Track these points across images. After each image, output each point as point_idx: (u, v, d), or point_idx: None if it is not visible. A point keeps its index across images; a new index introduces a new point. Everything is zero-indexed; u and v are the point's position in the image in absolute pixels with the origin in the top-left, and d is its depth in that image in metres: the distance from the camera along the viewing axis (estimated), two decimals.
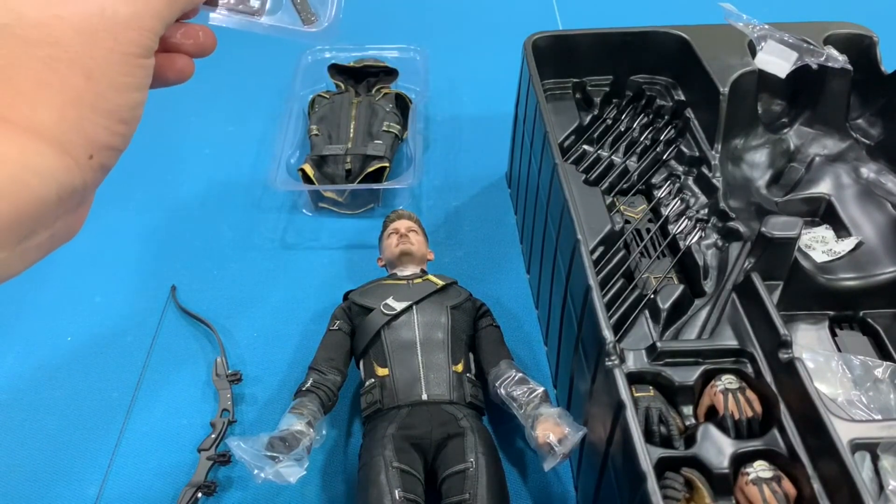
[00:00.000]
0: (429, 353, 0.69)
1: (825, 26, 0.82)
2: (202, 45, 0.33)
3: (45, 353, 0.82)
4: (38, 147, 0.26)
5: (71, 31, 0.26)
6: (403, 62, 1.15)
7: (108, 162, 0.29)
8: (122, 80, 0.28)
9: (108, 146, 0.28)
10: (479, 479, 0.60)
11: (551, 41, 0.85)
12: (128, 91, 0.28)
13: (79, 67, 0.26)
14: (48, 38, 0.26)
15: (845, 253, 0.69)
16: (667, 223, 0.73)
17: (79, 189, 0.27)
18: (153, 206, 1.00)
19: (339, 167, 0.98)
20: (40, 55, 0.26)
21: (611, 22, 0.90)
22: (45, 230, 0.27)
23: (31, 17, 0.26)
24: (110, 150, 0.28)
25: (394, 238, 0.79)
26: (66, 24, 0.26)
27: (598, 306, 0.56)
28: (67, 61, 0.26)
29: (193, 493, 0.65)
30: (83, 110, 0.27)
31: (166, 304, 0.86)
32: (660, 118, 0.85)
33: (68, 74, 0.26)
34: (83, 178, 0.27)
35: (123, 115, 0.28)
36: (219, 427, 0.71)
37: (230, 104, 1.19)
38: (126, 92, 0.28)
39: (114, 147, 0.28)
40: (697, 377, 0.57)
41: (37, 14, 0.26)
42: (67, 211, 0.28)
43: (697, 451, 0.51)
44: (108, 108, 0.27)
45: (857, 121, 0.82)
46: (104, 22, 0.27)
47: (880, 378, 0.59)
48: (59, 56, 0.26)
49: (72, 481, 0.70)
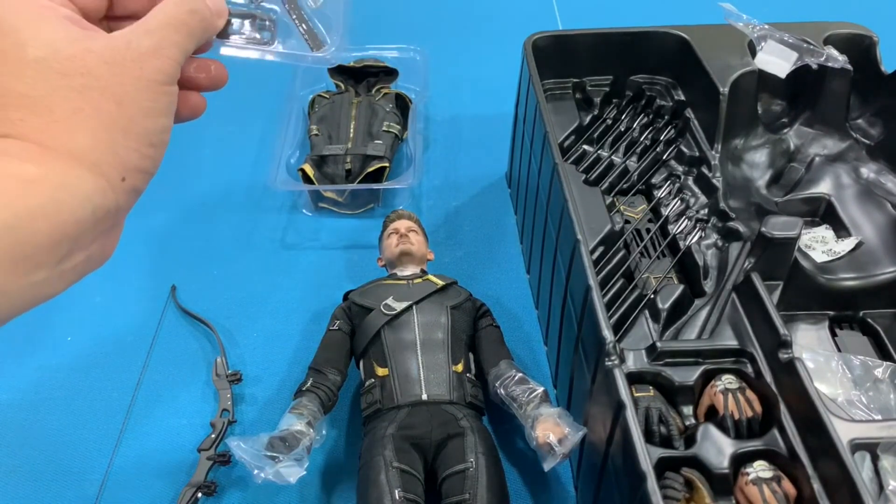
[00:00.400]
0: (429, 353, 0.69)
1: (825, 26, 0.82)
2: (215, 79, 0.35)
3: (45, 353, 0.82)
4: (74, 170, 0.27)
5: (101, 62, 0.28)
6: (403, 62, 1.15)
7: (140, 185, 0.30)
8: (150, 106, 0.30)
9: (139, 169, 0.30)
10: (479, 479, 0.60)
11: (551, 41, 0.85)
12: (156, 116, 0.30)
13: (110, 95, 0.28)
14: (81, 69, 0.28)
15: (845, 253, 0.69)
16: (667, 223, 0.73)
17: (112, 210, 0.29)
18: (153, 207, 1.00)
19: (339, 167, 0.98)
20: (74, 85, 0.27)
21: (611, 22, 0.90)
22: (82, 251, 0.29)
23: (65, 51, 0.28)
24: (141, 174, 0.30)
25: (394, 238, 0.79)
26: (96, 56, 0.28)
27: (598, 306, 0.56)
28: (99, 89, 0.28)
29: (193, 493, 0.65)
30: (115, 135, 0.28)
31: (166, 304, 0.86)
32: (660, 118, 0.85)
33: (100, 101, 0.28)
34: (116, 199, 0.29)
35: (153, 139, 0.30)
36: (219, 427, 0.71)
37: (230, 104, 1.18)
38: (154, 117, 0.30)
39: (144, 170, 0.30)
40: (697, 377, 0.57)
41: (70, 48, 0.28)
42: (102, 232, 0.30)
43: (697, 451, 0.51)
44: (138, 132, 0.29)
45: (857, 121, 0.82)
46: (130, 52, 0.29)
47: (880, 378, 0.59)
48: (92, 85, 0.28)
49: (72, 481, 0.70)
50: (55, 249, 0.27)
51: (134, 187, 0.30)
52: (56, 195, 0.26)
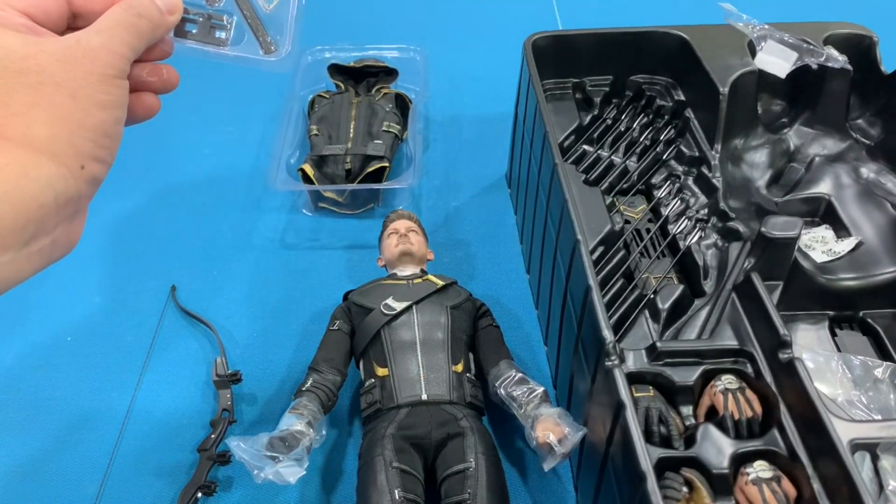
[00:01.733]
0: (428, 353, 0.69)
1: (825, 26, 0.82)
2: (166, 82, 0.38)
3: (45, 353, 0.82)
4: (35, 159, 0.29)
5: (53, 60, 0.30)
6: (403, 62, 1.15)
7: (98, 173, 0.32)
8: (103, 98, 0.32)
9: (96, 158, 0.32)
10: (478, 479, 0.60)
11: (551, 41, 0.85)
12: (109, 108, 0.32)
13: (64, 89, 0.30)
14: (35, 67, 0.30)
15: (845, 253, 0.69)
16: (667, 223, 0.73)
17: (74, 197, 0.31)
18: (153, 206, 1.00)
19: (339, 167, 0.98)
20: (30, 82, 0.30)
21: (611, 22, 0.90)
22: (47, 236, 0.31)
23: (19, 52, 0.30)
24: (99, 163, 0.32)
25: (394, 238, 0.79)
26: (49, 55, 0.30)
27: (598, 306, 0.56)
28: (54, 85, 0.30)
29: (193, 493, 0.65)
30: (72, 126, 0.31)
31: (166, 304, 0.86)
32: (660, 118, 0.85)
33: (55, 96, 0.30)
34: (77, 186, 0.31)
35: (108, 129, 0.32)
36: (219, 427, 0.71)
37: (230, 104, 1.19)
38: (108, 109, 0.32)
39: (101, 159, 0.32)
40: (697, 377, 0.57)
41: (24, 49, 0.30)
42: (65, 218, 0.32)
43: (697, 451, 0.51)
44: (94, 123, 0.31)
45: (857, 121, 0.82)
46: (81, 49, 0.31)
47: (880, 378, 0.59)
48: (46, 81, 0.30)
49: (72, 481, 0.70)
50: (20, 233, 0.29)
51: (93, 175, 0.32)
52: (19, 182, 0.28)
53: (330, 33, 1.28)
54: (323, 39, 1.19)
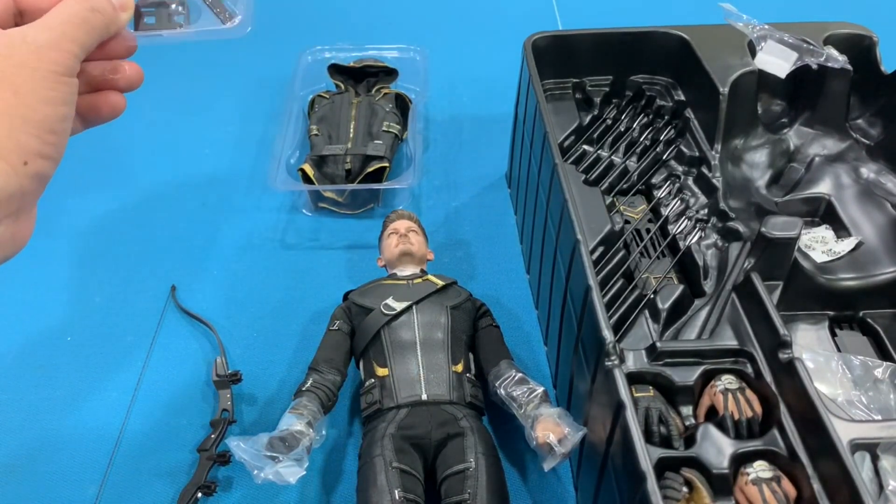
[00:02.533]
0: (428, 353, 0.69)
1: (825, 26, 0.82)
2: (130, 79, 0.37)
3: (45, 353, 0.82)
4: None
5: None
6: (403, 62, 1.15)
7: (44, 171, 0.32)
8: (49, 95, 0.31)
9: (41, 154, 0.31)
10: (479, 479, 0.60)
11: (551, 41, 0.85)
12: (55, 105, 0.32)
13: (7, 85, 0.30)
14: None
15: (845, 253, 0.69)
16: (667, 223, 0.73)
17: (17, 194, 0.31)
18: (154, 207, 1.00)
19: (339, 167, 0.98)
20: None
21: (611, 22, 0.90)
22: None
23: None
24: (44, 159, 0.32)
25: (394, 238, 0.79)
26: None
27: (598, 306, 0.56)
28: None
29: (193, 493, 0.65)
30: (14, 121, 0.30)
31: (166, 304, 0.86)
32: (660, 118, 0.85)
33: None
34: (20, 183, 0.30)
35: (53, 126, 0.32)
36: (219, 427, 0.71)
37: (230, 104, 1.19)
38: (54, 105, 0.32)
39: (47, 156, 0.32)
40: (697, 377, 0.57)
41: None
42: (7, 215, 0.31)
43: (697, 451, 0.51)
44: (38, 119, 0.31)
45: (857, 121, 0.82)
46: (27, 46, 0.31)
47: (880, 378, 0.59)
48: None
49: (72, 481, 0.70)
50: None
51: (37, 172, 0.31)
52: None
53: (330, 33, 1.28)
54: (323, 39, 1.19)
